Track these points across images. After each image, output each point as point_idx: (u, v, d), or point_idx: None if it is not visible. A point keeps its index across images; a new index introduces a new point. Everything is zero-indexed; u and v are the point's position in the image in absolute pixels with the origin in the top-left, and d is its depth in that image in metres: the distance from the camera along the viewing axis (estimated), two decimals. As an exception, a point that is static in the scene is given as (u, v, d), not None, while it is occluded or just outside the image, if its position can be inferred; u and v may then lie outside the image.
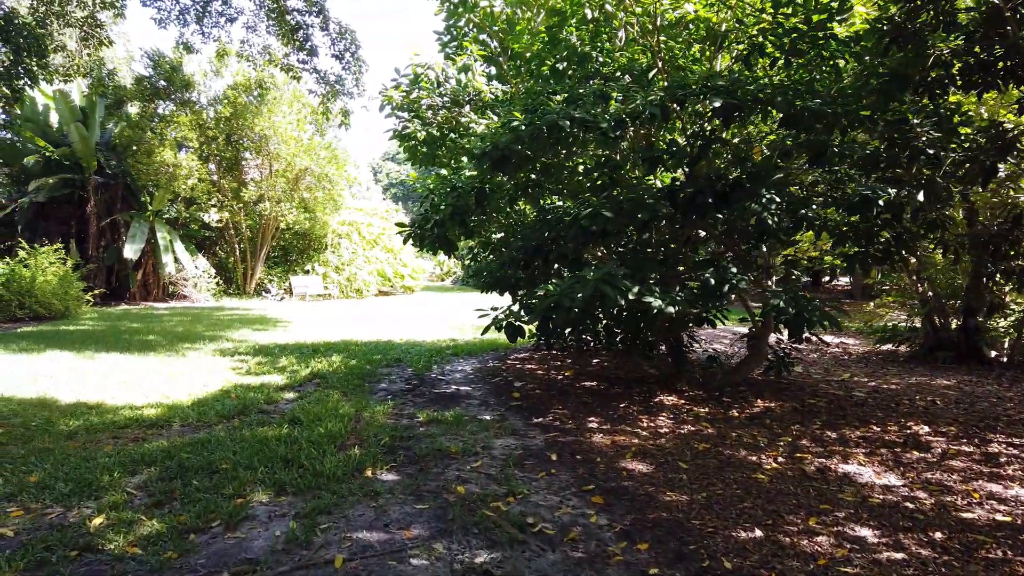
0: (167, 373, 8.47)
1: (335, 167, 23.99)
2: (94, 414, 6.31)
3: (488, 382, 8.37)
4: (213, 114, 21.92)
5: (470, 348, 11.13)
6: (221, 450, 5.09)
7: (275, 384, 7.90)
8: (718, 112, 5.64)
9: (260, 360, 9.62)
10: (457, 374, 8.99)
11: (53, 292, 15.22)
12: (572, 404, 7.04)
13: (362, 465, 4.82)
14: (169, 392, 7.38)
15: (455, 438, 5.69)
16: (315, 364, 9.21)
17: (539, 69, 8.01)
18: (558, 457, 5.18)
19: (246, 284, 24.39)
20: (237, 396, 7.16)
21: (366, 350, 10.68)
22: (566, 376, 8.65)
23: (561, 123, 5.69)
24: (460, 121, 9.04)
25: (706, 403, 7.03)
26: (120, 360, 9.29)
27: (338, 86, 16.76)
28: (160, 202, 20.99)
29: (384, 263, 28.41)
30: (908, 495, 4.41)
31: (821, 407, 6.95)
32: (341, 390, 7.62)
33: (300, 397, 7.28)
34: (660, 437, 5.75)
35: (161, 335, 12.36)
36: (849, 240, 7.10)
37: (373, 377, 8.55)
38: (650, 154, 6.36)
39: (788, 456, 5.24)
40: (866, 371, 9.42)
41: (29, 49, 15.48)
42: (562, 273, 8.14)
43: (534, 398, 7.36)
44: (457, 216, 7.27)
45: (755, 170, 6.05)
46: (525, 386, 8.01)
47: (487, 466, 4.95)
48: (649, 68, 7.15)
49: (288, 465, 4.79)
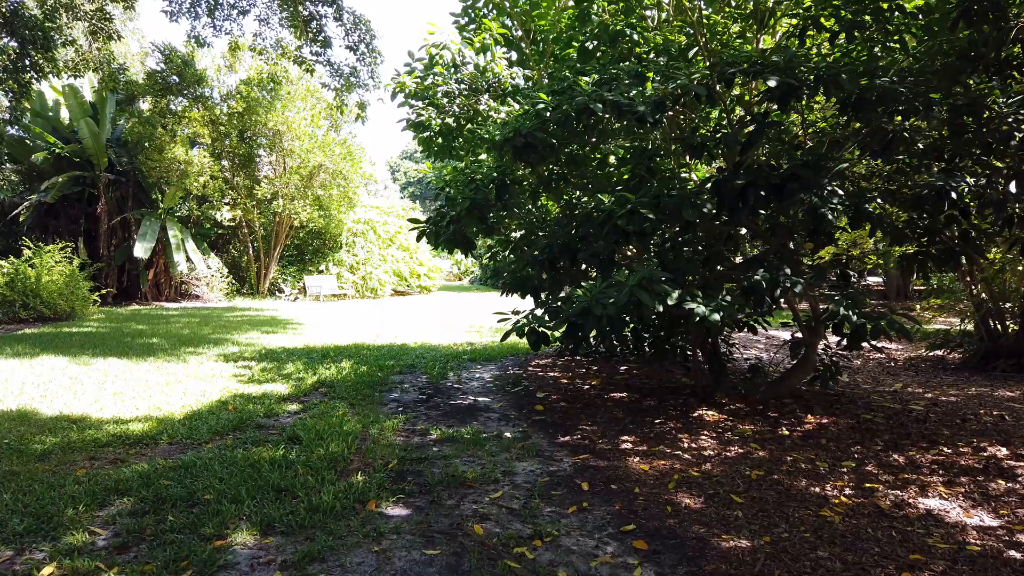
0: (164, 381, 7.89)
1: (350, 164, 23.40)
2: (75, 430, 5.72)
3: (508, 392, 7.72)
4: (226, 109, 21.44)
5: (488, 353, 10.48)
6: (206, 476, 4.47)
7: (277, 394, 7.30)
8: (773, 92, 4.94)
9: (265, 366, 9.03)
10: (475, 382, 8.34)
11: (59, 292, 14.75)
12: (602, 419, 6.36)
13: (365, 496, 4.18)
14: (163, 403, 6.80)
15: (472, 460, 5.04)
16: (323, 371, 8.61)
17: (564, 52, 7.34)
18: (590, 486, 4.51)
19: (259, 284, 23.91)
20: (235, 408, 6.56)
21: (378, 355, 10.06)
22: (593, 385, 7.98)
23: (593, 106, 5.02)
24: (478, 110, 8.39)
25: (750, 418, 6.33)
26: (117, 366, 8.73)
27: (352, 78, 16.18)
28: (171, 200, 20.53)
29: (400, 262, 27.83)
30: (1010, 540, 3.69)
31: (879, 424, 6.22)
32: (349, 401, 7.00)
33: (303, 409, 6.66)
34: (705, 461, 5.06)
35: (165, 338, 11.82)
36: (908, 238, 6.39)
37: (384, 386, 7.92)
38: (693, 140, 5.66)
39: (856, 486, 4.53)
40: (917, 380, 8.66)
41: (35, 42, 15.02)
42: (588, 274, 7.48)
43: (559, 411, 6.70)
44: (475, 211, 6.62)
45: (811, 160, 5.33)
46: (548, 397, 7.34)
47: (509, 497, 4.29)
48: (689, 47, 6.45)
49: (280, 496, 4.16)
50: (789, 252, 6.44)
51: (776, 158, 6.51)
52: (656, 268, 5.23)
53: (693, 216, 5.27)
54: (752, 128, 5.48)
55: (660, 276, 5.08)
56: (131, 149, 20.35)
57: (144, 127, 19.32)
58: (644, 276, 4.98)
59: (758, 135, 5.44)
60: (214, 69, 22.03)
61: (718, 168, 6.23)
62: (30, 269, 14.54)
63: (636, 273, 5.05)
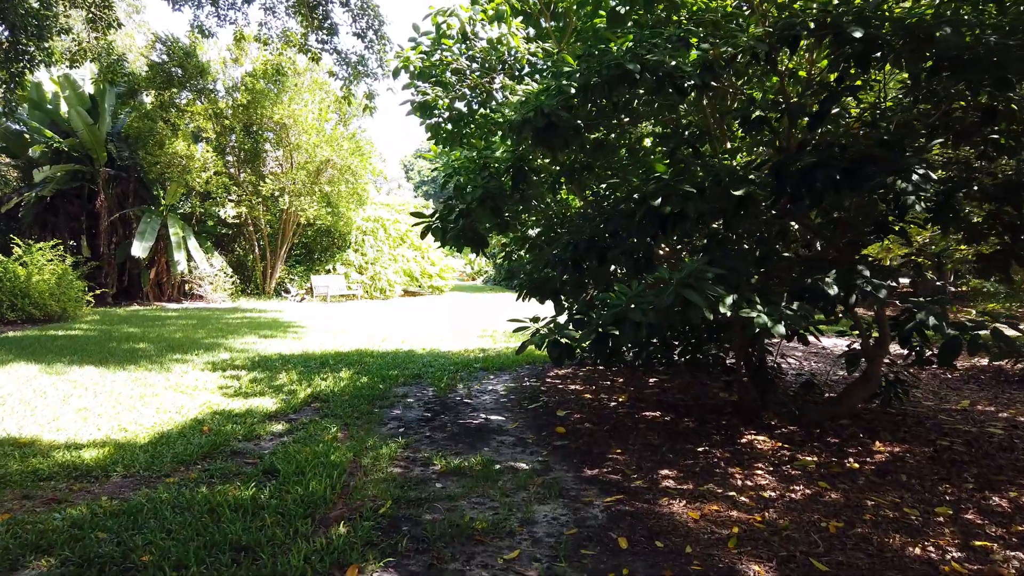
0: (139, 394, 7.06)
1: (359, 159, 22.55)
2: (17, 457, 4.87)
3: (525, 408, 6.82)
4: (230, 102, 20.67)
5: (502, 361, 9.57)
6: (152, 527, 3.59)
7: (263, 411, 6.44)
8: (855, 49, 4.01)
9: (256, 376, 8.18)
10: (487, 396, 7.45)
11: (50, 293, 13.99)
12: (634, 445, 5.45)
13: (345, 558, 3.29)
14: (130, 422, 5.96)
15: (482, 503, 4.14)
16: (319, 382, 7.75)
17: (590, 23, 6.42)
18: (629, 543, 3.59)
19: (265, 284, 23.13)
20: (211, 429, 5.70)
21: (382, 363, 9.19)
22: (620, 402, 7.06)
23: (630, 68, 4.10)
24: (492, 92, 7.50)
25: (808, 446, 5.39)
26: (91, 376, 7.90)
27: (360, 67, 15.33)
28: (173, 196, 19.76)
29: (411, 262, 26.99)
30: None
31: (960, 452, 5.26)
32: (343, 420, 6.14)
33: (290, 430, 5.80)
34: (767, 505, 4.14)
35: (155, 342, 11.00)
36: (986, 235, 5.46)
37: (385, 400, 7.05)
38: (748, 113, 4.72)
39: (963, 544, 3.59)
40: (984, 396, 7.67)
41: (27, 29, 14.26)
42: (617, 276, 6.57)
43: (584, 434, 5.79)
44: (488, 203, 5.74)
45: (892, 138, 4.40)
46: (571, 416, 6.44)
47: (527, 559, 3.39)
48: (735, 14, 5.49)
49: (239, 557, 3.28)
50: (854, 251, 5.50)
51: (837, 141, 5.56)
52: (705, 263, 4.30)
53: (745, 190, 4.32)
54: (825, 96, 4.54)
55: (709, 274, 4.15)
56: (132, 143, 19.62)
57: (143, 121, 18.58)
58: (691, 271, 4.06)
59: (831, 103, 4.49)
60: (219, 62, 21.28)
61: (777, 147, 5.26)
62: (21, 268, 13.80)
63: (683, 268, 4.13)
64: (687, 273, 4.10)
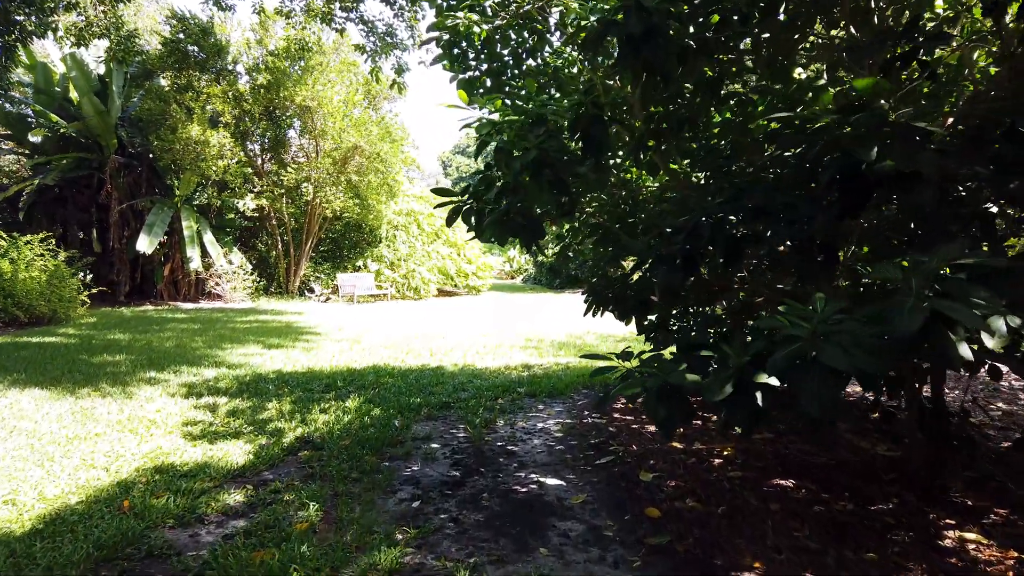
0: (71, 434, 5.26)
1: (389, 145, 20.65)
2: None
3: (591, 464, 4.85)
4: (249, 82, 19.01)
5: (552, 383, 7.55)
6: None
7: (226, 466, 4.57)
8: None
9: (237, 405, 6.34)
10: (536, 439, 5.50)
11: (39, 292, 12.40)
12: (776, 546, 3.43)
13: None
14: (31, 486, 4.14)
15: None
16: (316, 416, 5.89)
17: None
18: None
19: (289, 282, 21.44)
20: (132, 503, 3.84)
21: (402, 386, 7.29)
22: (727, 457, 5.02)
23: None
24: (547, 32, 5.58)
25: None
26: (24, 405, 6.13)
27: (388, 38, 13.48)
28: (187, 186, 18.09)
29: (446, 259, 25.11)
30: None
31: None
32: (333, 485, 4.25)
33: (251, 506, 3.92)
34: None
35: (137, 353, 9.25)
36: None
37: (399, 447, 5.15)
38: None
39: None
40: None
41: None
42: (728, 286, 4.55)
43: (691, 522, 3.78)
44: (547, 172, 3.78)
45: None
46: (662, 484, 4.43)
47: None
48: None
49: None
50: None
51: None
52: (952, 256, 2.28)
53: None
54: None
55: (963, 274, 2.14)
56: (143, 129, 18.05)
57: (155, 103, 16.99)
58: (950, 256, 2.07)
59: None
60: (243, 44, 19.62)
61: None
62: (8, 264, 12.23)
63: (935, 255, 2.14)
64: (942, 259, 2.10)
